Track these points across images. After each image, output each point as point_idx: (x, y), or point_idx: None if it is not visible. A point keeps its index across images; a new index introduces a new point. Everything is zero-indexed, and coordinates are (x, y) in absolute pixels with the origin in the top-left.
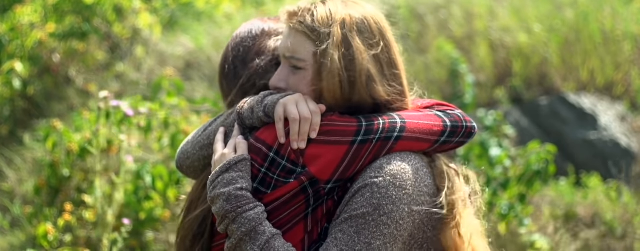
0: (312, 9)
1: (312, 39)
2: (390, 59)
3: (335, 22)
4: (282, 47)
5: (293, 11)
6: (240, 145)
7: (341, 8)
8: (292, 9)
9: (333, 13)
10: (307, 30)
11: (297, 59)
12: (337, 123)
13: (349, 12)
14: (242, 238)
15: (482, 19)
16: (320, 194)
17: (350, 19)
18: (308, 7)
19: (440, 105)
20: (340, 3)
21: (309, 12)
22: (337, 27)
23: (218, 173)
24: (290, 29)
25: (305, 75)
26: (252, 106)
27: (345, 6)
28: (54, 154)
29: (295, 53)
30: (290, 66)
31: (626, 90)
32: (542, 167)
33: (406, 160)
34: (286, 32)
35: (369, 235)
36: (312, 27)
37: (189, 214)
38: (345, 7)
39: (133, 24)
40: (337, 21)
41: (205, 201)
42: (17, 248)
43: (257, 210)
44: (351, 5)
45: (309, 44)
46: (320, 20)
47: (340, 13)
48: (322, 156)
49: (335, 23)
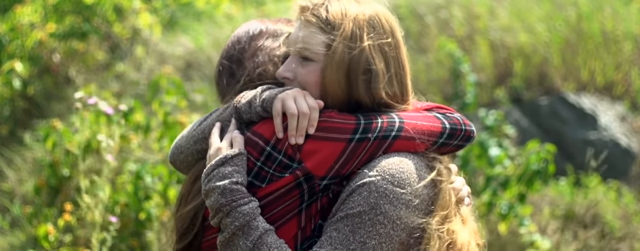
0: (326, 4)
1: (324, 31)
2: (398, 58)
3: (348, 17)
4: (293, 38)
5: (306, 5)
6: (236, 139)
7: (354, 5)
8: (305, 3)
9: (347, 9)
10: (320, 22)
11: (308, 50)
12: (336, 120)
13: (362, 9)
14: (235, 232)
15: (483, 19)
16: (315, 190)
17: (363, 15)
18: (322, 2)
19: (440, 108)
20: (354, 0)
21: (323, 6)
22: (349, 22)
23: (213, 166)
24: (302, 22)
25: (315, 67)
26: (249, 100)
27: (358, 3)
28: (54, 154)
29: (306, 44)
30: (299, 57)
31: (626, 90)
32: (542, 167)
33: (405, 160)
34: (298, 25)
35: (365, 234)
36: (325, 19)
37: (180, 208)
38: (358, 4)
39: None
40: (350, 16)
41: (196, 195)
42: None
43: (251, 205)
44: (364, 3)
45: (321, 35)
46: (334, 13)
47: (353, 9)
48: (319, 152)
49: (348, 18)
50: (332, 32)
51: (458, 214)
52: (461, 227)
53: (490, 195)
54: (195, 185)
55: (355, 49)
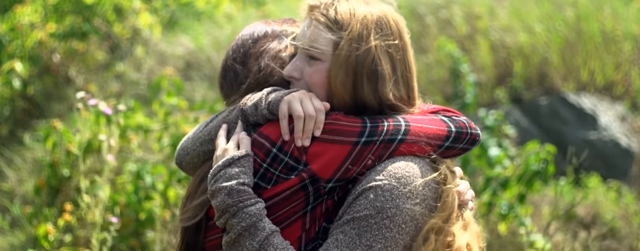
0: (335, 3)
1: (333, 30)
2: (405, 60)
3: (356, 18)
4: (301, 37)
5: (315, 4)
6: (243, 141)
7: (363, 5)
8: (314, 2)
9: (355, 9)
10: (328, 21)
11: (315, 48)
12: (342, 123)
13: (370, 10)
14: (241, 233)
15: (483, 19)
16: (320, 193)
17: (371, 16)
18: (331, 2)
19: (447, 110)
20: (362, 1)
21: (332, 5)
22: (357, 23)
23: (220, 167)
24: (311, 21)
25: (321, 67)
26: (256, 103)
27: (366, 4)
28: (54, 154)
29: (314, 42)
30: (306, 56)
31: (626, 90)
32: (542, 167)
33: (411, 164)
34: (306, 23)
35: (371, 237)
36: (334, 19)
37: (185, 208)
38: (367, 5)
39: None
40: (358, 17)
41: (201, 195)
42: (17, 248)
43: (258, 206)
44: (372, 4)
45: (330, 34)
46: (342, 13)
47: (361, 10)
48: (325, 154)
49: (357, 18)
50: (339, 31)
51: (460, 217)
52: (461, 231)
53: (490, 195)
54: (201, 185)
55: (361, 50)
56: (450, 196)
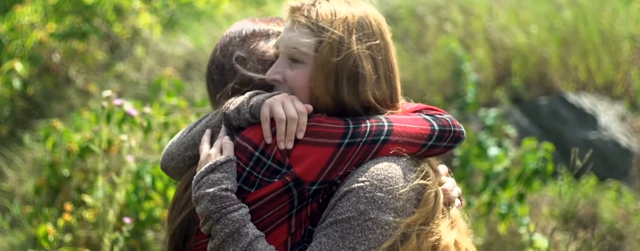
0: (317, 5)
1: (314, 32)
2: (387, 60)
3: (337, 19)
4: (283, 39)
5: (296, 6)
6: (226, 145)
7: (345, 6)
8: (295, 3)
9: (336, 10)
10: (310, 23)
11: (297, 51)
12: (325, 125)
13: (351, 11)
14: (225, 239)
15: (482, 19)
16: (305, 195)
17: (352, 17)
18: (312, 3)
19: (429, 109)
20: (344, 1)
21: (314, 7)
22: (339, 24)
23: (203, 173)
24: (292, 23)
25: (303, 69)
26: (238, 107)
27: (348, 4)
28: (54, 154)
29: (297, 45)
30: (288, 59)
31: (626, 90)
32: (541, 166)
33: (393, 165)
34: (288, 26)
35: (354, 239)
36: (315, 21)
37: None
38: (348, 5)
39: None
40: (339, 18)
41: (188, 203)
42: (17, 248)
43: (241, 212)
44: (354, 4)
45: (311, 37)
46: (323, 15)
47: (343, 10)
48: (308, 157)
49: (338, 20)
50: (321, 34)
51: (447, 215)
52: (448, 229)
53: (489, 195)
54: (186, 191)
55: (343, 51)
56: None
